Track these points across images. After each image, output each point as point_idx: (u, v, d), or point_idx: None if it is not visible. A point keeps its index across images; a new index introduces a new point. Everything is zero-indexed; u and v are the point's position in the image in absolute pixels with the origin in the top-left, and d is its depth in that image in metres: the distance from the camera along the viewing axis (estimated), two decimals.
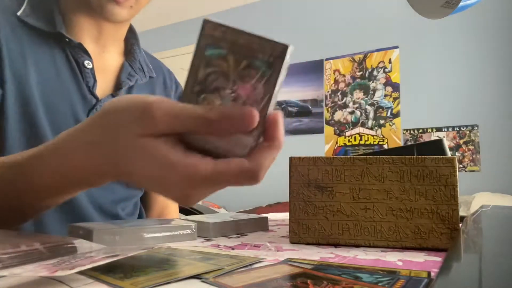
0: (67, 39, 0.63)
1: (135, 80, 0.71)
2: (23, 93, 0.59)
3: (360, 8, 3.21)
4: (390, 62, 3.07)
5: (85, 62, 0.65)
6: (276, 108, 0.31)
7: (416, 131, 2.96)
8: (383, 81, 3.09)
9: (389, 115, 3.05)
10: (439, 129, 2.88)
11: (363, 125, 3.15)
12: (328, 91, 3.31)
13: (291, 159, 0.47)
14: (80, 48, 0.64)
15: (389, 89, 3.07)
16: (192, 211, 1.88)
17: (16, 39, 0.60)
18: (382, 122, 3.08)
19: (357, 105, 3.18)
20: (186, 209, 1.74)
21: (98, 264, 0.28)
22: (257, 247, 0.43)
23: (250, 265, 0.33)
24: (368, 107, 3.14)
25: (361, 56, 3.19)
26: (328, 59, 3.33)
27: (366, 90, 3.15)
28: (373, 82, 3.13)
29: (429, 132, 2.91)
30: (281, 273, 0.31)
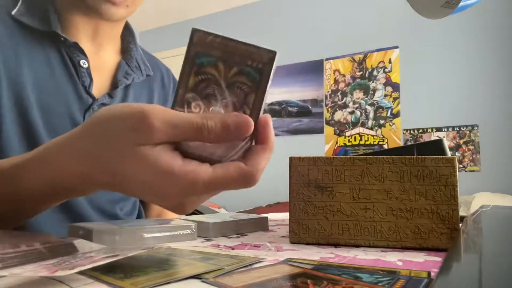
0: (62, 38, 0.62)
1: (132, 78, 0.70)
2: (17, 93, 0.58)
3: (360, 8, 3.21)
4: (390, 62, 3.07)
5: (81, 62, 0.64)
6: (267, 110, 0.32)
7: (416, 131, 2.96)
8: (383, 81, 3.09)
9: (389, 115, 3.06)
10: (439, 129, 2.88)
11: (363, 125, 3.15)
12: (328, 91, 3.31)
13: (291, 159, 0.47)
14: (76, 47, 0.63)
15: (389, 89, 3.07)
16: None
17: (10, 38, 0.60)
18: (382, 122, 3.08)
19: (357, 105, 3.18)
20: None
21: (98, 264, 0.28)
22: (257, 247, 0.43)
23: (250, 265, 0.33)
24: (368, 107, 3.14)
25: (361, 56, 3.19)
26: (328, 59, 3.34)
27: (366, 90, 3.16)
28: (373, 82, 3.13)
29: (429, 132, 2.91)
30: (281, 273, 0.31)
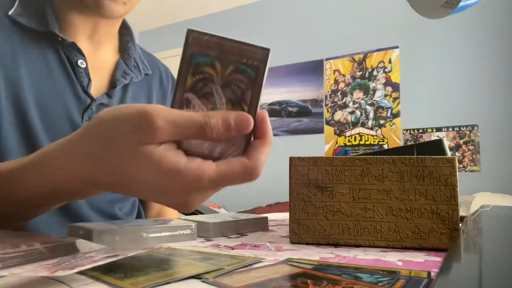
0: (60, 39, 0.62)
1: (130, 78, 0.70)
2: (15, 94, 0.58)
3: (360, 8, 3.21)
4: (390, 62, 3.07)
5: (79, 62, 0.63)
6: (267, 110, 0.33)
7: (416, 131, 2.96)
8: (383, 81, 3.09)
9: (389, 115, 3.05)
10: (439, 129, 2.88)
11: (363, 125, 3.15)
12: (328, 91, 3.31)
13: (291, 159, 0.47)
14: (73, 47, 0.63)
15: (389, 89, 3.07)
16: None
17: (8, 39, 0.59)
18: (382, 122, 3.08)
19: (357, 105, 3.18)
20: None
21: (98, 264, 0.28)
22: (257, 247, 0.43)
23: (250, 265, 0.33)
24: (368, 107, 3.14)
25: (361, 56, 3.19)
26: (328, 59, 3.34)
27: (366, 90, 3.15)
28: (373, 82, 3.13)
29: (429, 132, 2.91)
30: (281, 273, 0.31)
